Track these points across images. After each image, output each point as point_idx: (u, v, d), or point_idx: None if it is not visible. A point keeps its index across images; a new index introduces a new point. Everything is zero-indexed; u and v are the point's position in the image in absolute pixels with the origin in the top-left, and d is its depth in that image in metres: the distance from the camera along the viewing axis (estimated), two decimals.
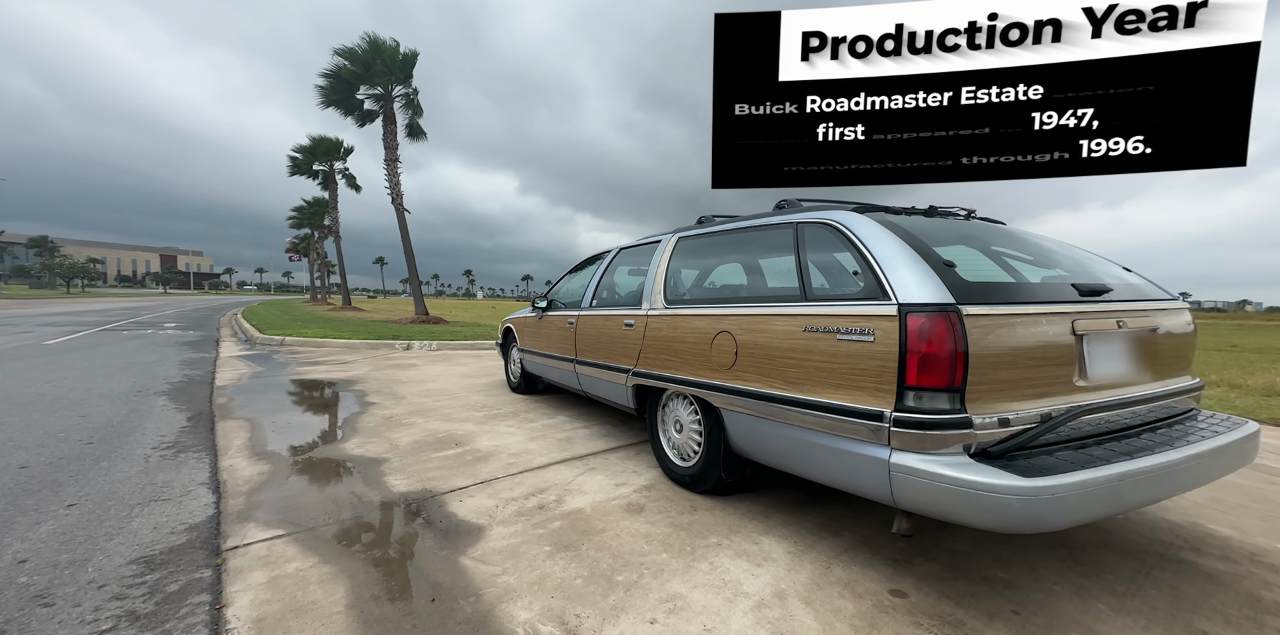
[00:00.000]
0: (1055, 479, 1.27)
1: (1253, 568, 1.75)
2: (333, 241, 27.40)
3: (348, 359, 7.29)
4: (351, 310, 23.29)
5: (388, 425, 3.51)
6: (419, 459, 2.76)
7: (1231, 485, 2.55)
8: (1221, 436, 1.67)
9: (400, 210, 15.60)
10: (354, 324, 13.13)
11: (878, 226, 1.75)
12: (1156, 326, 1.81)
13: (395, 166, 15.59)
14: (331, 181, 25.89)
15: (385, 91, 15.33)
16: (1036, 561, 1.77)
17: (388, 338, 9.64)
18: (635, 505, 2.20)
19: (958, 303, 1.44)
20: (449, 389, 5.01)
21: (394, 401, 4.34)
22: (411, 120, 16.29)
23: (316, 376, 5.66)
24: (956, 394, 1.41)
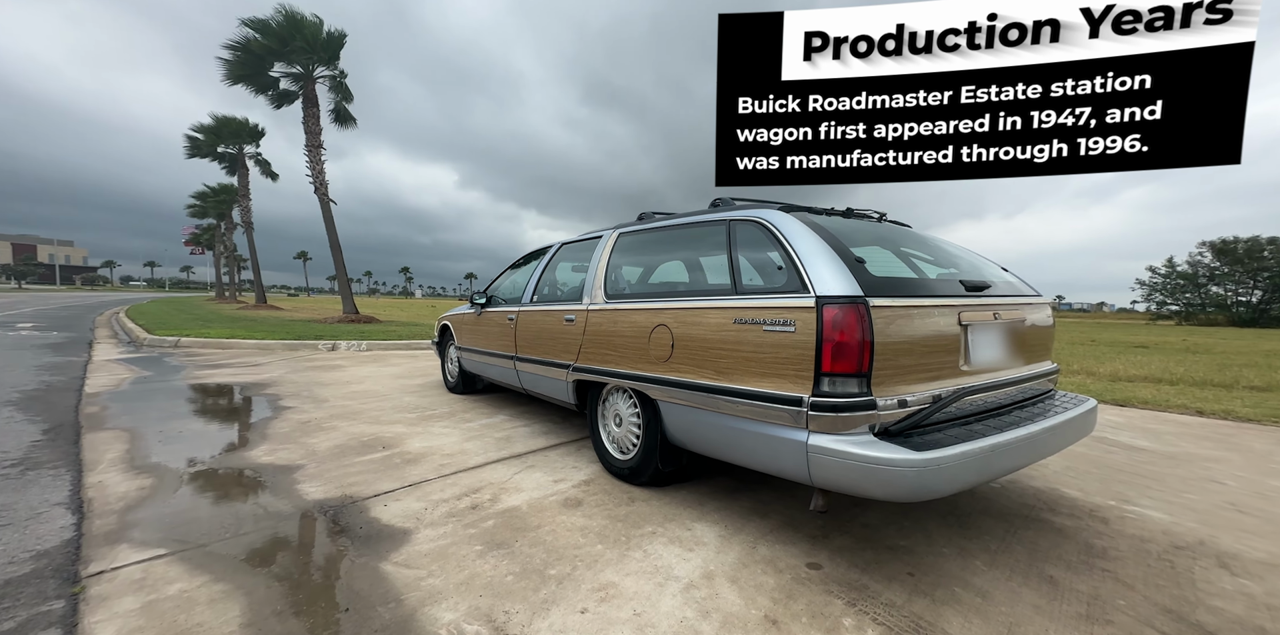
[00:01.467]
0: (940, 452, 1.43)
1: (1091, 521, 2.07)
2: (244, 233, 24.52)
3: (260, 361, 6.57)
4: (267, 309, 20.99)
5: (304, 430, 3.21)
6: (339, 464, 2.55)
7: (1080, 455, 3.01)
8: (1069, 412, 1.97)
9: (325, 201, 14.31)
10: (269, 323, 11.87)
11: (801, 225, 1.87)
12: (1024, 318, 2.10)
13: (319, 153, 14.26)
14: (241, 167, 23.16)
15: (305, 71, 13.98)
16: (931, 529, 1.98)
17: (309, 338, 8.82)
18: (573, 500, 2.19)
19: (865, 295, 1.57)
20: (378, 390, 4.68)
21: (314, 405, 3.97)
22: (338, 105, 15.01)
23: (220, 380, 5.05)
24: (864, 379, 1.54)
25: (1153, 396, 4.84)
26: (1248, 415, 4.10)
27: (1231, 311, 34.55)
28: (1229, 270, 35.71)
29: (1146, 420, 4.00)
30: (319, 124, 14.32)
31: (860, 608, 1.44)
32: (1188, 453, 3.10)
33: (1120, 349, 10.86)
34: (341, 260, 14.60)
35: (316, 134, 14.24)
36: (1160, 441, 3.36)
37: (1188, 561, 1.75)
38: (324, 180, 14.31)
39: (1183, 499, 2.34)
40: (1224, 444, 3.34)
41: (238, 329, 9.87)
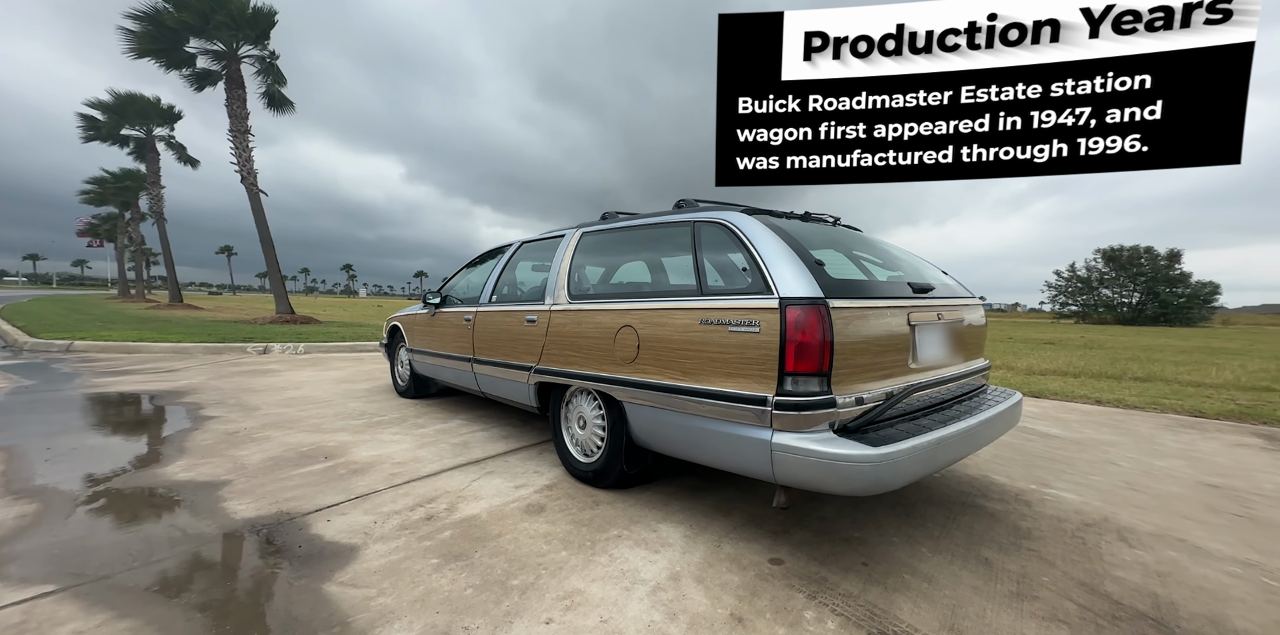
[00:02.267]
0: (893, 447, 1.52)
1: (1017, 505, 2.28)
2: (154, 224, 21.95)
3: (176, 366, 5.92)
4: (183, 308, 18.93)
5: (232, 441, 2.91)
6: (274, 478, 2.33)
7: (1005, 444, 3.30)
8: (1000, 405, 2.15)
9: (254, 192, 13.11)
10: (187, 325, 10.73)
11: (763, 228, 1.92)
12: (963, 318, 2.28)
13: (245, 140, 13.02)
14: (150, 151, 20.71)
15: (229, 49, 12.74)
16: (882, 520, 2.09)
17: (237, 340, 8.05)
18: (536, 506, 2.12)
19: (826, 297, 1.64)
20: (319, 396, 4.34)
21: (242, 414, 3.62)
22: (271, 88, 13.78)
23: (126, 388, 4.49)
24: (825, 378, 1.61)
25: (1061, 388, 5.37)
26: (1134, 403, 4.65)
27: (1118, 311, 39.35)
28: (1116, 275, 40.58)
29: (1057, 410, 4.44)
30: (245, 108, 13.08)
31: (820, 600, 1.49)
32: (1091, 438, 3.48)
33: (1033, 345, 11.95)
34: (274, 256, 13.44)
35: (243, 118, 13.00)
36: (1069, 429, 3.75)
37: (1095, 537, 1.96)
38: (253, 169, 13.11)
39: (1089, 480, 2.62)
40: (1118, 429, 3.77)
41: (147, 331, 8.85)
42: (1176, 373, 6.69)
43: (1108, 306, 40.41)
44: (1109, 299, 40.86)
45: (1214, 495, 2.43)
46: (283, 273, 13.94)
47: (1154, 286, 37.74)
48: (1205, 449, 3.24)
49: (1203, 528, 2.06)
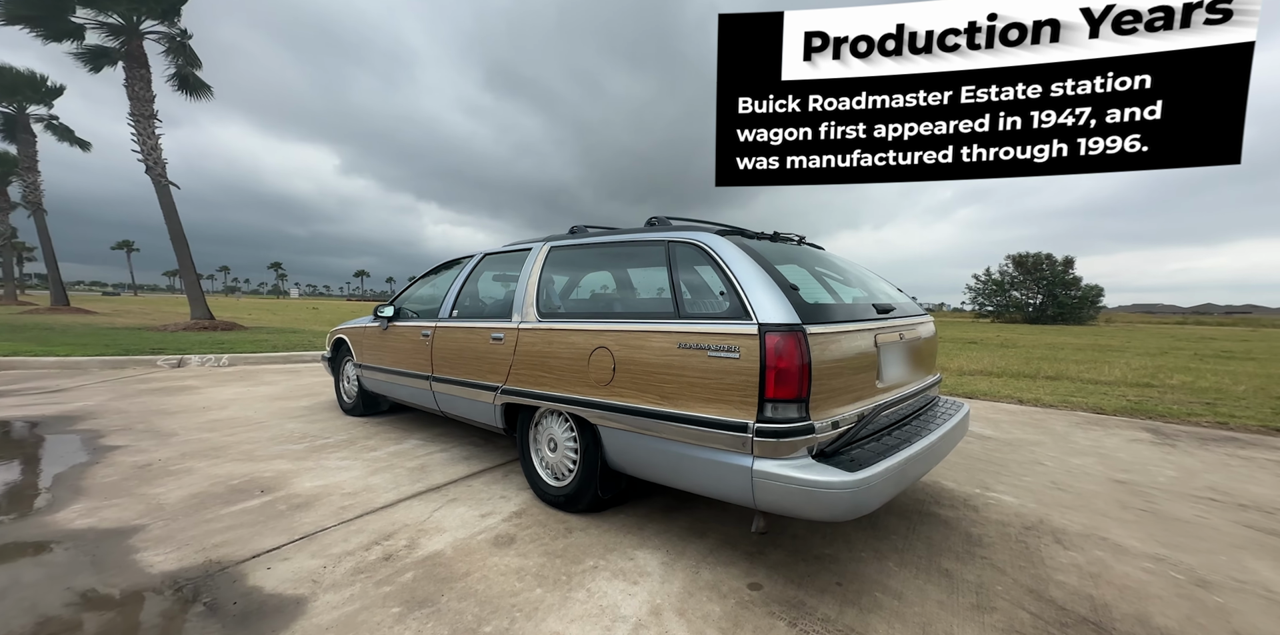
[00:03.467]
0: (869, 471, 1.58)
1: (965, 511, 2.45)
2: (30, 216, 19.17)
3: (66, 385, 5.16)
4: (70, 312, 16.63)
5: (143, 477, 2.56)
6: (199, 520, 2.07)
7: None
8: (953, 418, 2.31)
9: (162, 183, 11.79)
10: (76, 333, 9.44)
11: (739, 251, 1.95)
12: (920, 335, 2.42)
13: (151, 125, 11.70)
14: (23, 131, 18.10)
15: (129, 23, 11.42)
16: (850, 534, 2.17)
17: (143, 352, 7.16)
18: (505, 536, 2.02)
19: (803, 322, 1.68)
20: (251, 417, 3.93)
21: (155, 441, 3.20)
22: (183, 70, 12.46)
23: (12, 414, 3.84)
24: (803, 403, 1.64)
25: (988, 388, 5.74)
26: (1049, 402, 5.03)
27: (1026, 311, 43.46)
28: (1023, 278, 44.55)
29: (988, 410, 4.73)
30: (150, 90, 11.75)
31: (801, 627, 1.51)
32: (1019, 439, 3.75)
33: (960, 345, 12.78)
34: (188, 254, 12.12)
35: (147, 101, 11.67)
36: (999, 430, 4.00)
37: (1035, 540, 2.14)
38: (160, 158, 11.79)
39: (1023, 482, 2.85)
40: (1039, 428, 4.06)
41: (22, 342, 7.68)
42: (1078, 371, 7.40)
43: (1017, 307, 44.40)
44: (1018, 300, 44.87)
45: (1122, 491, 2.73)
46: (200, 271, 12.58)
47: (1053, 289, 41.83)
48: (1109, 445, 3.60)
49: (1120, 525, 2.31)
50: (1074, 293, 41.25)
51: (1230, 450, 3.52)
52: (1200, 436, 3.88)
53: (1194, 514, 2.43)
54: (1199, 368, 8.11)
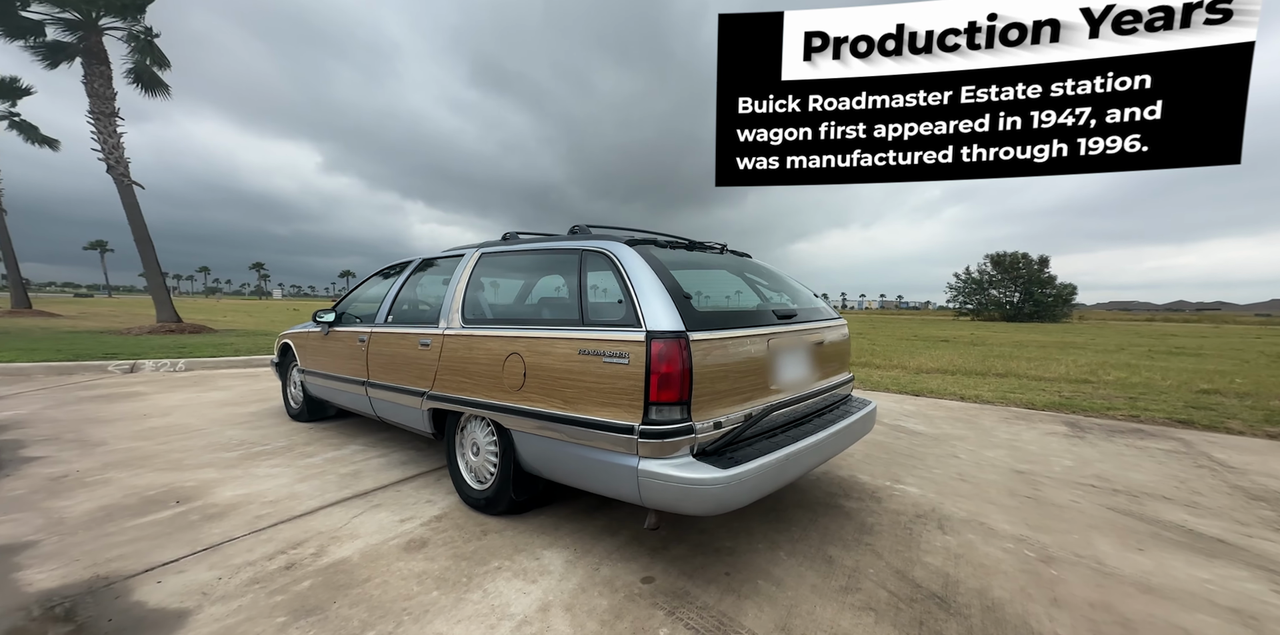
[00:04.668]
0: (739, 469, 1.64)
1: (869, 502, 2.56)
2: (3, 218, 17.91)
3: (1, 392, 4.84)
4: (31, 315, 15.61)
5: (54, 489, 2.43)
6: (99, 534, 1.97)
7: (877, 443, 3.65)
8: (851, 417, 2.40)
9: (125, 183, 11.17)
10: (31, 337, 8.87)
11: (641, 261, 1.97)
12: (824, 339, 2.51)
13: (112, 123, 11.08)
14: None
15: (87, 18, 10.77)
16: (754, 528, 2.24)
17: (96, 357, 6.78)
18: (418, 541, 2.00)
19: (687, 330, 1.73)
20: (191, 424, 3.77)
21: (79, 452, 3.04)
22: (140, 68, 11.76)
23: None
24: (685, 406, 1.69)
25: (937, 386, 5.84)
26: (989, 398, 5.19)
27: (1004, 309, 43.98)
28: (1001, 277, 44.98)
29: (929, 407, 4.84)
30: (111, 87, 11.11)
31: (678, 615, 1.56)
32: (946, 433, 3.88)
33: (931, 343, 12.83)
34: (153, 255, 11.53)
35: (108, 99, 11.03)
36: (931, 425, 4.13)
37: (920, 527, 2.25)
38: (123, 157, 11.18)
39: (932, 474, 3.00)
40: (968, 424, 4.19)
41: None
42: (1028, 368, 7.57)
43: (996, 305, 44.86)
44: (996, 299, 45.28)
45: (1017, 480, 2.89)
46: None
47: (1030, 287, 42.35)
48: (1025, 438, 3.75)
49: (1000, 511, 2.45)
50: (1049, 291, 41.50)
51: (1130, 441, 3.69)
52: (1110, 429, 4.05)
53: (1070, 499, 2.60)
54: (1140, 364, 8.30)
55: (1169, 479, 2.92)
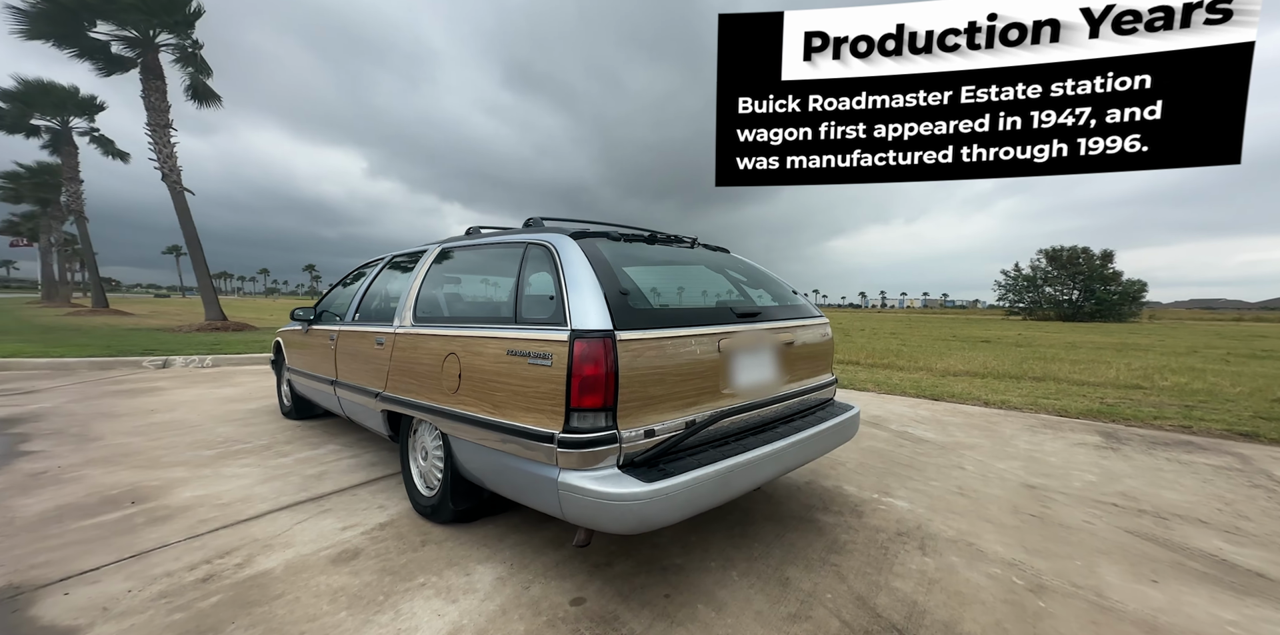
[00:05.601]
0: (669, 481, 1.41)
1: (849, 517, 2.27)
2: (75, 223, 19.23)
3: (41, 386, 5.03)
4: (106, 314, 16.58)
5: (26, 485, 2.40)
6: (39, 536, 1.90)
7: (875, 450, 3.27)
8: (824, 423, 2.12)
9: (178, 190, 11.69)
10: (93, 334, 9.34)
11: (579, 254, 1.75)
12: (794, 340, 2.22)
13: (167, 134, 11.64)
14: (67, 144, 18.10)
15: (144, 36, 11.28)
16: (712, 542, 2.00)
17: (136, 353, 7.04)
18: (351, 551, 1.85)
19: (615, 329, 1.50)
20: (188, 420, 3.78)
21: (74, 446, 3.05)
22: (195, 80, 12.35)
23: None
24: (609, 412, 1.47)
25: (961, 390, 5.24)
26: (1016, 404, 4.58)
27: (1060, 308, 38.09)
28: (1057, 274, 38.92)
29: (946, 413, 4.34)
30: (165, 100, 11.67)
31: None
32: (957, 442, 3.43)
33: (969, 344, 11.57)
34: (201, 257, 12.08)
35: (163, 111, 11.60)
36: (943, 433, 3.66)
37: (899, 546, 1.97)
38: (175, 166, 11.71)
39: (929, 486, 2.66)
40: (986, 431, 3.71)
41: (36, 343, 7.57)
42: (1071, 372, 6.74)
43: (1052, 303, 39.18)
44: (1053, 296, 39.66)
45: (1026, 496, 2.53)
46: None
47: (1090, 284, 38.10)
48: (1048, 449, 3.28)
49: (997, 530, 2.13)
50: (1114, 288, 37.43)
51: (1174, 455, 3.21)
52: (1152, 441, 3.53)
53: (1083, 519, 2.25)
54: (1209, 369, 7.27)
55: (1210, 499, 2.50)
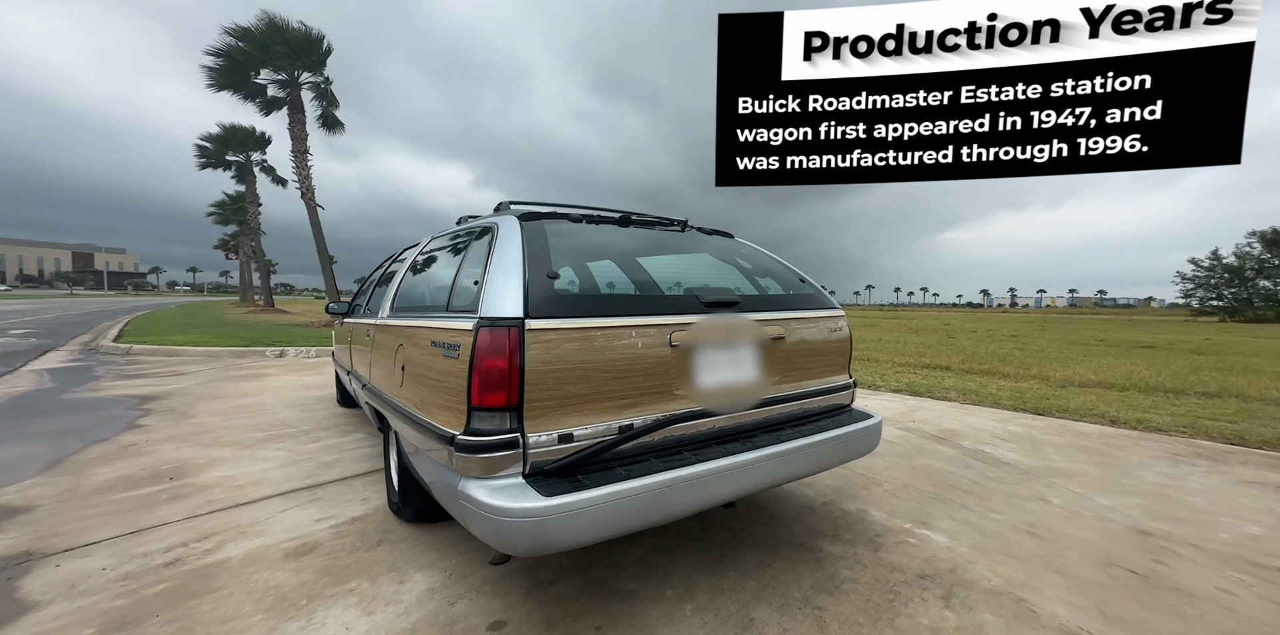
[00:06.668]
0: (574, 496, 1.09)
1: (862, 549, 1.75)
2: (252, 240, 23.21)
3: (188, 370, 5.87)
4: (272, 312, 19.77)
5: (111, 456, 2.67)
6: (85, 504, 2.06)
7: (930, 470, 2.56)
8: (820, 435, 1.63)
9: (312, 205, 13.47)
10: (252, 328, 10.98)
11: (516, 234, 1.49)
12: (783, 335, 1.74)
13: (304, 159, 13.39)
14: (249, 175, 21.76)
15: (290, 78, 13.01)
16: (682, 565, 1.63)
17: (266, 343, 8.08)
18: (310, 545, 1.75)
19: (526, 317, 1.20)
20: (265, 404, 4.14)
21: (170, 423, 3.43)
22: (326, 111, 14.08)
23: (116, 393, 4.39)
24: (514, 412, 1.19)
25: (1081, 405, 4.07)
26: (1162, 425, 3.50)
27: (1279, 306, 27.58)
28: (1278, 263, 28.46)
29: (1048, 431, 3.37)
30: (304, 130, 13.45)
31: None
32: (1050, 467, 2.63)
33: (1121, 350, 9.07)
34: (328, 264, 13.90)
35: (302, 140, 13.37)
36: (1034, 455, 2.84)
37: (914, 593, 1.44)
38: (310, 185, 13.48)
39: (986, 520, 2.01)
40: (1100, 457, 2.82)
41: (207, 335, 9.00)
42: (1269, 388, 4.78)
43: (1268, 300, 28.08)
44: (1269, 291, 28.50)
45: (1132, 545, 1.81)
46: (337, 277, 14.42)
47: None
48: (1192, 486, 2.40)
49: (1067, 585, 1.50)
50: None
51: None
52: None
53: (1215, 586, 1.53)
54: None
55: None
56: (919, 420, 3.68)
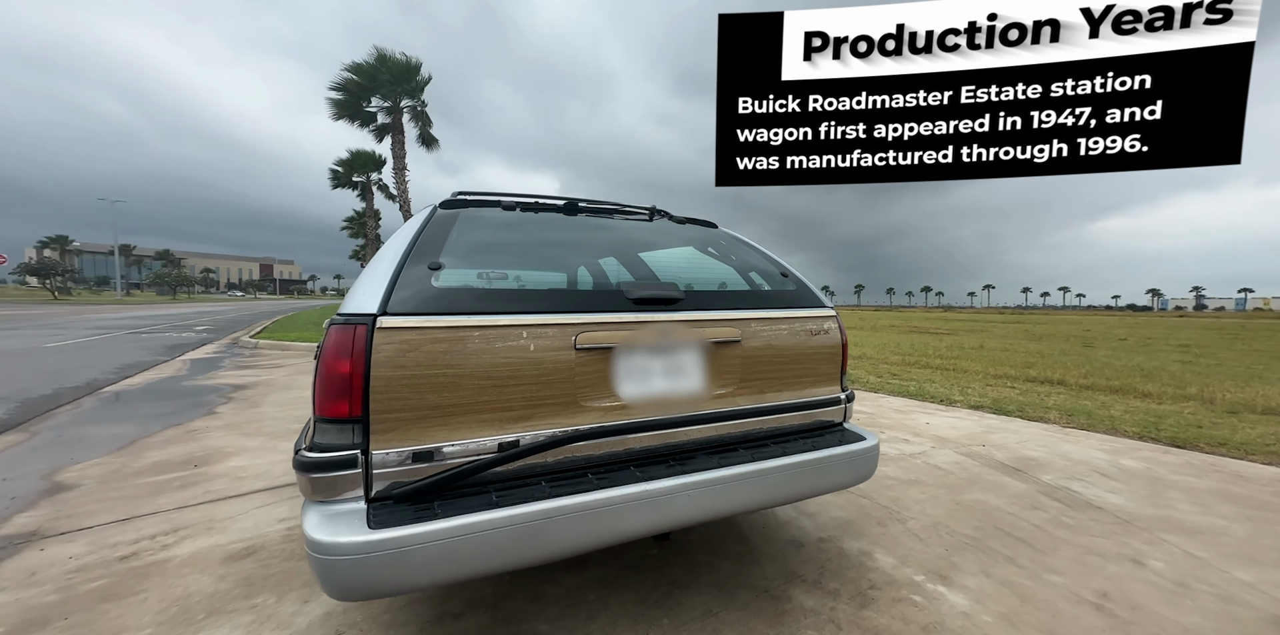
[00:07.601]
0: (406, 529, 0.82)
1: (845, 604, 1.27)
2: None
3: (287, 362, 6.31)
4: None
5: (170, 441, 2.86)
6: (115, 486, 2.15)
7: (990, 508, 1.93)
8: (791, 457, 1.17)
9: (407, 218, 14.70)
10: None
11: (418, 222, 1.27)
12: (737, 338, 1.29)
13: (403, 175, 14.60)
14: (369, 193, 24.74)
15: (393, 104, 14.17)
16: (615, 603, 1.27)
17: None
18: (253, 548, 1.63)
19: (382, 313, 0.93)
20: None
21: (237, 411, 3.68)
22: (422, 131, 15.13)
23: (222, 381, 4.85)
24: (358, 424, 0.92)
25: (1251, 437, 2.97)
26: None
27: None
28: None
29: (1183, 470, 2.43)
30: (404, 149, 14.42)
31: None
32: (1165, 518, 1.88)
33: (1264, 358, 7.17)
34: None
35: (401, 158, 14.35)
36: (1147, 501, 2.04)
37: None
38: (407, 199, 14.42)
39: (1036, 581, 1.42)
40: (1258, 510, 1.94)
41: (318, 333, 10.08)
42: None
43: None
44: None
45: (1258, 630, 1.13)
46: None
47: None
48: None
49: None
50: None
51: None
52: None
53: None
54: None
55: None
56: (991, 444, 2.87)
